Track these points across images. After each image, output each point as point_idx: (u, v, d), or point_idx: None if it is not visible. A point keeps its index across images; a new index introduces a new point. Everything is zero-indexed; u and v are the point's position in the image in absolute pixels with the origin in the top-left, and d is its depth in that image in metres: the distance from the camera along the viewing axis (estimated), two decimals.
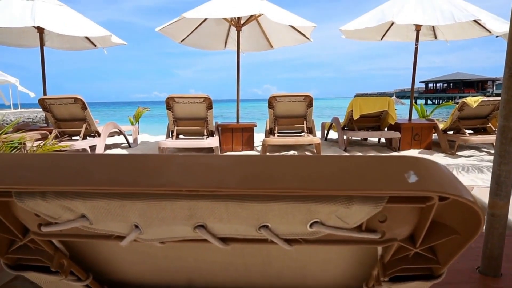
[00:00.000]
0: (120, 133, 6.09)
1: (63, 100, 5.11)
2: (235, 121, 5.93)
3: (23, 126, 5.92)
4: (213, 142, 5.11)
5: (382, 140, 6.43)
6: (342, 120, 6.01)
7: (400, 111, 7.59)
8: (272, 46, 7.03)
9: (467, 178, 3.89)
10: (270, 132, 5.75)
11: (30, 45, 6.55)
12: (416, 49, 5.77)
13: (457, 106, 5.40)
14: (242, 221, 0.49)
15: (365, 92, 79.49)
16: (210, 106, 5.21)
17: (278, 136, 5.52)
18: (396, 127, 5.68)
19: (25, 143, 3.97)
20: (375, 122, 5.98)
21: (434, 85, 53.62)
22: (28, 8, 5.19)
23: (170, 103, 5.21)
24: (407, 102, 7.55)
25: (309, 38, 6.50)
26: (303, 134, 5.62)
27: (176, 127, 5.38)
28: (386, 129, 5.92)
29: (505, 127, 1.11)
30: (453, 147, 5.36)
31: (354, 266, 0.68)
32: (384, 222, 0.51)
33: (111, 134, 5.95)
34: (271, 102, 5.45)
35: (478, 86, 48.62)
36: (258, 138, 6.22)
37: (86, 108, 5.16)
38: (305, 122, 5.62)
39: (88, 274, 0.73)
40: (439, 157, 5.20)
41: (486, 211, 1.32)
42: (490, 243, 1.21)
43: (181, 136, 5.70)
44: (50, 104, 5.15)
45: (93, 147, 5.24)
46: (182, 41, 6.70)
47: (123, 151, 5.85)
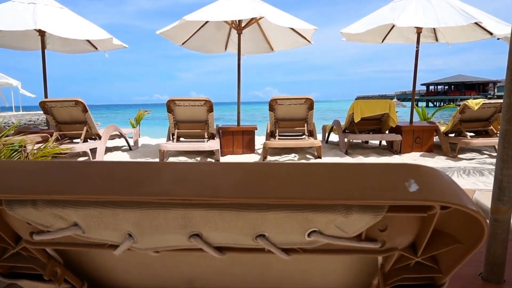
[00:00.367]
0: (121, 135, 6.08)
1: (64, 103, 5.11)
2: (236, 123, 5.92)
3: (24, 129, 5.92)
4: (213, 145, 5.10)
5: (383, 142, 6.41)
6: (343, 122, 6.00)
7: (401, 114, 7.58)
8: (272, 49, 7.03)
9: (469, 181, 3.86)
10: (271, 135, 5.73)
11: (31, 48, 6.57)
12: (417, 51, 5.76)
13: (458, 108, 5.38)
14: (238, 230, 0.47)
15: (366, 94, 79.48)
16: (210, 109, 5.20)
17: (279, 139, 5.50)
18: (397, 130, 5.66)
19: (25, 146, 3.97)
20: (376, 124, 5.96)
21: (435, 87, 53.55)
22: (29, 11, 5.22)
23: (170, 106, 5.21)
24: (408, 104, 7.53)
25: (310, 41, 6.50)
26: (304, 137, 5.60)
27: (176, 130, 5.38)
28: (387, 131, 5.90)
29: (507, 131, 1.10)
30: (454, 150, 5.34)
31: (354, 274, 0.67)
32: (384, 231, 0.50)
33: (112, 137, 5.95)
34: (272, 105, 5.44)
35: (480, 88, 48.52)
36: (259, 140, 6.21)
37: (87, 111, 5.16)
38: (306, 125, 5.61)
39: (83, 282, 0.72)
40: (441, 159, 5.18)
41: (488, 216, 1.30)
42: (492, 249, 1.19)
43: (181, 139, 5.69)
44: (51, 107, 5.15)
45: (93, 150, 5.23)
46: (183, 43, 6.71)
47: (124, 154, 5.84)
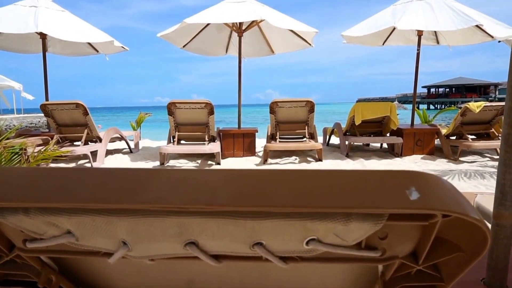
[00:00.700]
0: (121, 138, 6.08)
1: (65, 105, 5.11)
2: (237, 126, 5.92)
3: (25, 132, 5.92)
4: (214, 147, 5.09)
5: (384, 145, 6.39)
6: (344, 125, 5.99)
7: (402, 116, 7.56)
8: (273, 52, 7.03)
9: (470, 185, 3.84)
10: (271, 137, 5.72)
11: (33, 50, 6.58)
12: (418, 54, 5.75)
13: (459, 111, 5.37)
14: (235, 238, 0.46)
15: (367, 97, 79.49)
16: (211, 112, 5.20)
17: (279, 141, 5.49)
18: (398, 133, 5.65)
19: (26, 149, 3.97)
20: (377, 127, 5.95)
21: (436, 90, 53.54)
22: (31, 14, 5.23)
23: (171, 109, 5.21)
24: (409, 107, 7.53)
25: (310, 44, 6.50)
26: (305, 139, 5.59)
27: (177, 133, 5.37)
28: (388, 134, 5.89)
29: (509, 135, 1.09)
30: (456, 153, 5.32)
31: (354, 283, 0.66)
32: (384, 239, 0.49)
33: (113, 140, 5.95)
34: (273, 108, 5.44)
35: (481, 91, 48.50)
36: (260, 143, 6.20)
37: (88, 113, 5.17)
38: (306, 127, 5.60)
39: None
40: (442, 162, 5.16)
41: (490, 220, 1.28)
42: (495, 254, 1.17)
43: (182, 141, 5.69)
44: (51, 109, 5.16)
45: (94, 153, 5.23)
46: (184, 46, 6.72)
47: (125, 157, 5.84)
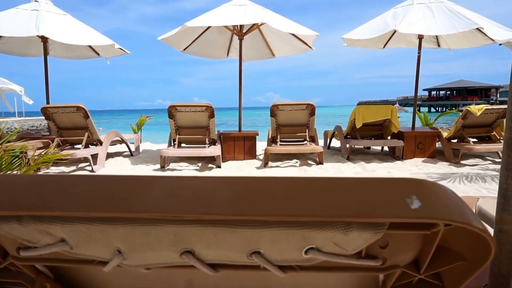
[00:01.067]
0: (122, 141, 6.08)
1: (66, 108, 5.12)
2: (238, 129, 5.91)
3: (26, 135, 5.93)
4: (215, 150, 5.08)
5: (385, 148, 6.37)
6: (344, 128, 5.97)
7: (403, 119, 7.54)
8: (274, 55, 7.04)
9: (472, 188, 3.82)
10: (272, 140, 5.71)
11: (34, 54, 6.60)
12: (418, 57, 5.75)
13: (461, 114, 5.35)
14: (232, 247, 0.45)
15: (368, 99, 79.52)
16: (212, 115, 5.19)
17: (280, 144, 5.48)
18: (399, 136, 5.63)
19: (26, 152, 3.96)
20: (378, 130, 5.93)
21: (437, 92, 53.52)
22: (32, 17, 5.25)
23: (172, 112, 5.21)
24: (410, 109, 7.52)
25: (311, 47, 6.50)
26: (306, 142, 5.58)
27: (178, 136, 5.37)
28: (389, 137, 5.87)
29: (511, 140, 1.07)
30: (457, 156, 5.30)
31: None
32: (385, 248, 0.48)
33: (113, 143, 5.95)
34: (273, 111, 5.43)
35: (482, 93, 48.47)
36: (261, 146, 6.19)
37: (88, 116, 5.17)
38: (307, 130, 5.59)
39: None
40: (443, 165, 5.14)
41: (492, 224, 1.26)
42: (498, 260, 1.16)
43: (183, 144, 5.68)
44: (52, 112, 5.16)
45: (95, 156, 5.23)
46: (184, 49, 6.73)
47: (125, 160, 5.83)
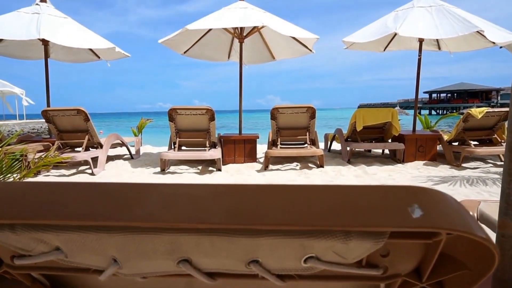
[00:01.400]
0: (122, 144, 6.08)
1: (66, 111, 5.12)
2: (238, 132, 5.90)
3: (26, 137, 5.93)
4: (215, 154, 5.07)
5: (386, 151, 6.36)
6: (345, 131, 5.96)
7: (404, 122, 7.54)
8: (274, 58, 7.05)
9: (473, 191, 3.80)
10: (272, 143, 5.70)
11: (35, 57, 6.62)
12: (419, 60, 5.74)
13: (461, 117, 5.34)
14: (229, 256, 0.44)
15: (368, 102, 79.52)
16: (212, 118, 5.19)
17: (280, 147, 5.47)
18: (400, 139, 5.62)
19: (26, 155, 3.96)
20: (379, 133, 5.92)
21: (438, 95, 53.51)
22: (33, 21, 5.27)
23: (172, 115, 5.20)
24: (411, 112, 7.50)
25: (311, 50, 6.51)
26: (306, 145, 5.57)
27: (178, 139, 5.36)
28: (390, 140, 5.86)
29: None
30: (458, 159, 5.28)
31: None
32: (386, 257, 0.47)
33: (114, 146, 5.94)
34: (274, 114, 5.42)
35: (483, 96, 48.44)
36: (261, 149, 6.18)
37: (89, 119, 5.17)
38: (308, 133, 5.58)
39: None
40: (444, 168, 5.12)
41: (495, 228, 1.25)
42: (500, 265, 1.14)
43: (183, 147, 5.68)
44: (53, 115, 5.16)
45: (95, 159, 5.23)
46: (185, 52, 6.74)
47: (125, 163, 5.83)
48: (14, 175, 3.43)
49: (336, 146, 6.76)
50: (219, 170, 5.14)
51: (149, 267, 0.47)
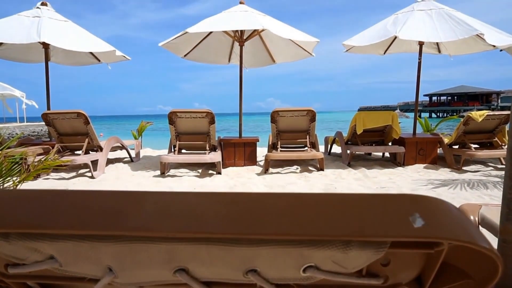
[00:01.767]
0: (122, 147, 6.07)
1: (66, 114, 5.12)
2: (238, 135, 5.90)
3: (27, 140, 5.92)
4: (215, 157, 5.06)
5: (386, 154, 6.35)
6: (345, 134, 5.96)
7: (404, 124, 7.53)
8: (274, 61, 7.05)
9: (474, 195, 3.79)
10: (272, 146, 5.70)
11: (35, 60, 6.63)
12: (419, 63, 5.75)
13: (462, 120, 5.33)
14: (227, 265, 0.44)
15: (368, 105, 79.63)
16: (212, 121, 5.19)
17: (281, 151, 5.47)
18: (400, 142, 5.61)
19: (26, 158, 3.96)
20: (379, 136, 5.91)
21: (438, 98, 53.54)
22: (34, 24, 5.28)
23: (172, 118, 5.20)
24: (411, 115, 7.51)
25: (311, 53, 6.51)
26: (306, 148, 5.56)
27: (178, 142, 5.36)
28: (390, 143, 5.85)
29: None
30: (458, 162, 5.27)
31: None
32: (387, 266, 0.46)
33: (114, 149, 5.94)
34: (274, 117, 5.42)
35: (483, 99, 48.46)
36: (261, 152, 6.17)
37: (89, 122, 5.16)
38: (308, 136, 5.57)
39: None
40: (445, 172, 5.11)
41: (496, 232, 1.24)
42: (503, 272, 1.13)
43: (183, 150, 5.67)
44: (53, 118, 5.16)
45: (95, 162, 5.22)
46: (185, 55, 6.75)
47: (125, 166, 5.82)
48: (14, 178, 3.42)
49: (336, 149, 6.75)
50: (219, 173, 5.13)
51: (145, 277, 0.47)
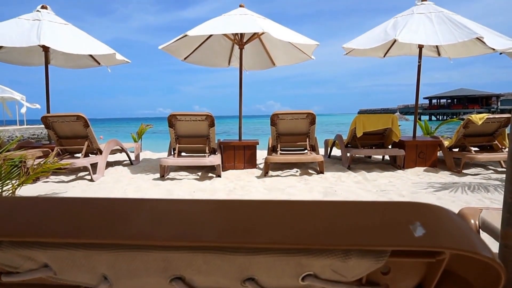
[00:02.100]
0: (122, 150, 6.06)
1: (66, 117, 5.12)
2: (238, 138, 5.89)
3: (26, 143, 5.92)
4: (215, 160, 5.06)
5: (386, 157, 6.34)
6: (345, 137, 5.95)
7: (404, 127, 7.53)
8: (274, 64, 7.06)
9: (474, 198, 3.77)
10: (272, 149, 5.69)
11: (35, 63, 6.63)
12: (419, 66, 5.75)
13: (462, 123, 5.33)
14: (224, 273, 0.43)
15: (368, 108, 79.69)
16: (212, 124, 5.18)
17: (280, 153, 5.46)
18: (400, 145, 5.61)
19: (25, 161, 3.95)
20: (379, 139, 5.91)
21: (438, 101, 53.57)
22: (34, 27, 5.28)
23: (172, 121, 5.20)
24: (411, 118, 7.50)
25: (311, 56, 6.52)
26: (306, 151, 5.56)
27: (178, 145, 5.35)
28: (390, 146, 5.84)
29: None
30: (459, 165, 5.26)
31: None
32: (387, 274, 0.45)
33: (113, 152, 5.93)
34: (274, 120, 5.42)
35: (483, 102, 48.48)
36: (261, 155, 6.16)
37: (89, 125, 5.16)
38: (308, 139, 5.57)
39: None
40: (445, 175, 5.10)
41: (497, 237, 1.23)
42: (505, 279, 1.12)
43: (183, 153, 5.66)
44: (52, 121, 5.16)
45: (94, 165, 5.21)
46: (185, 58, 6.76)
47: (125, 169, 5.81)
48: (13, 181, 3.41)
49: (336, 152, 6.74)
50: (219, 176, 5.12)
51: (140, 285, 0.46)
